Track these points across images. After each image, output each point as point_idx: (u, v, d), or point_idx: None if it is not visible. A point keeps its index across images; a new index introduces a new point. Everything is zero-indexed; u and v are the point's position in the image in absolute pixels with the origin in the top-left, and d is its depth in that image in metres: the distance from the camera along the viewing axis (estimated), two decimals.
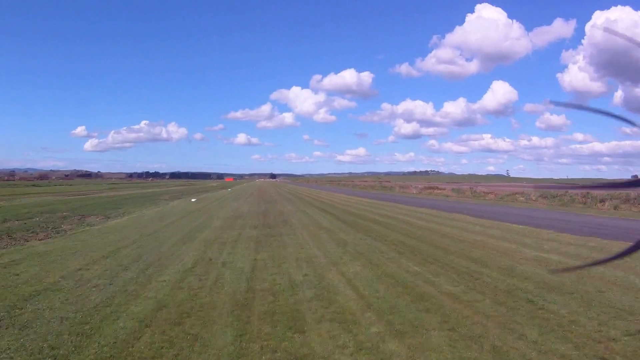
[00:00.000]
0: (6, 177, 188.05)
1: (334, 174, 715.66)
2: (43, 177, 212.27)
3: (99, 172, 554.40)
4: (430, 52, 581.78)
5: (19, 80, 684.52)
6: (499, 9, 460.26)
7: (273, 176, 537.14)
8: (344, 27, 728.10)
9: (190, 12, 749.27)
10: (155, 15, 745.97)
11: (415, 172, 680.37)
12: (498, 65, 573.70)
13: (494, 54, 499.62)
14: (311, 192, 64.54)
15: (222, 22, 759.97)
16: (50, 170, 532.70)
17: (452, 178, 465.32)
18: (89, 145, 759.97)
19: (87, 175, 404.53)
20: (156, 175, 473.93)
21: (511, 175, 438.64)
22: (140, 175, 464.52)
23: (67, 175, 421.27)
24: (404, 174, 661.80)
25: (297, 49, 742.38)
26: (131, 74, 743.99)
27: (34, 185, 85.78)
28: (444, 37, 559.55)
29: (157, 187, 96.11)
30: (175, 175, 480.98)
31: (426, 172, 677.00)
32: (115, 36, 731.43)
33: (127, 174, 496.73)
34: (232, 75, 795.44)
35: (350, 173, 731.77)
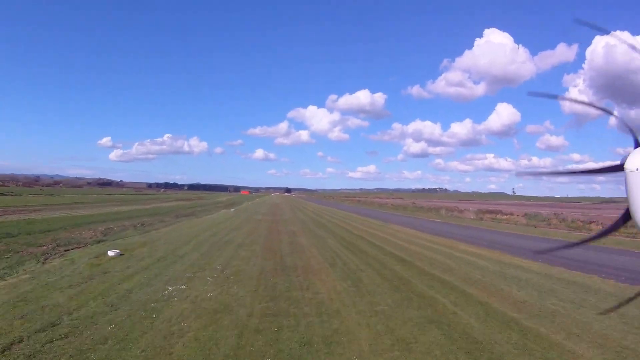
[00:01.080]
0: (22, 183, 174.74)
1: (346, 189, 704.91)
2: (53, 185, 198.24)
3: (121, 180, 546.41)
4: (441, 74, 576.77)
5: (50, 92, 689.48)
6: (506, 34, 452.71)
7: (288, 190, 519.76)
8: (361, 50, 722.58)
9: (215, 33, 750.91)
10: (181, 35, 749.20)
11: (424, 190, 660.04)
12: (504, 87, 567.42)
13: (500, 77, 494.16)
14: (339, 214, 46.53)
15: (245, 44, 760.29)
16: (76, 177, 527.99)
17: (458, 196, 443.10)
18: (113, 155, 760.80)
19: (108, 183, 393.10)
20: (175, 186, 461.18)
21: (516, 194, 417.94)
22: (159, 186, 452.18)
23: (89, 183, 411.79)
24: (412, 191, 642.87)
25: (315, 70, 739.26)
26: (157, 89, 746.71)
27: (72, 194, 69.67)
28: (454, 60, 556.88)
29: (157, 200, 79.20)
30: (193, 187, 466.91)
31: (434, 189, 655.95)
32: (143, 53, 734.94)
33: (147, 183, 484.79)
34: (252, 94, 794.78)
35: (361, 189, 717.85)
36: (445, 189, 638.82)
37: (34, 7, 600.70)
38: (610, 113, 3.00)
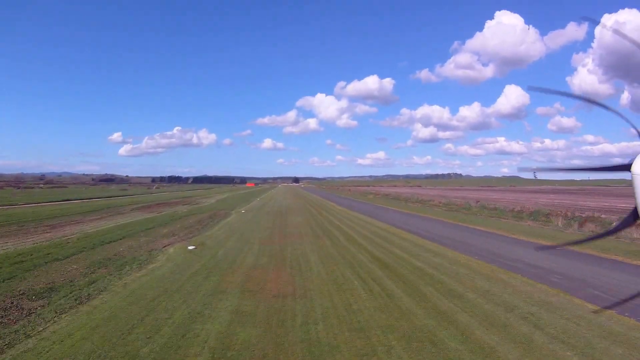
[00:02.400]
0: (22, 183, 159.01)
1: (355, 177, 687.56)
2: (49, 182, 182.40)
3: (126, 176, 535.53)
4: (450, 57, 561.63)
5: (59, 88, 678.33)
6: (517, 15, 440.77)
7: (296, 180, 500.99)
8: (369, 35, 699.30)
9: (221, 25, 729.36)
10: (188, 28, 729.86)
11: (437, 175, 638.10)
12: (512, 69, 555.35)
13: (509, 58, 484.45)
14: (375, 224, 27.69)
15: (252, 33, 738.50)
16: (83, 174, 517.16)
17: (470, 181, 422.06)
18: (123, 150, 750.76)
19: (111, 179, 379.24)
20: (179, 179, 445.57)
21: (538, 178, 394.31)
22: (162, 180, 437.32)
23: (93, 180, 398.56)
24: (425, 177, 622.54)
25: (322, 58, 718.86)
26: (166, 82, 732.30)
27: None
28: (464, 43, 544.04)
29: (116, 212, 60.79)
30: (197, 180, 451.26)
31: (448, 175, 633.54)
32: (151, 47, 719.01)
33: (152, 177, 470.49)
34: (260, 83, 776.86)
35: (370, 176, 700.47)
36: (460, 174, 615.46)
37: (40, 2, 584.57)
38: (612, 110, 2.95)
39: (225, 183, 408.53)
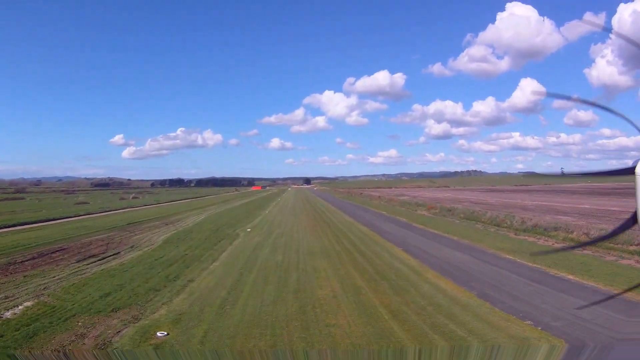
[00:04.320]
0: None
1: (367, 176, 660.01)
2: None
3: (128, 180, 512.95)
4: (463, 51, 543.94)
5: (58, 90, 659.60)
6: (529, 6, 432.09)
7: (307, 181, 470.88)
8: (379, 29, 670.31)
9: (225, 21, 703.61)
10: (191, 25, 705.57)
11: (455, 173, 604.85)
12: (528, 62, 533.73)
13: (525, 50, 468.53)
14: None
15: (257, 30, 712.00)
16: (85, 178, 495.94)
17: (489, 180, 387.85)
18: (126, 153, 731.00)
19: (107, 184, 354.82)
20: (180, 182, 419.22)
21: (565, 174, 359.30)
22: (162, 183, 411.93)
23: (92, 184, 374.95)
24: (439, 174, 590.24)
25: (330, 54, 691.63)
26: (168, 83, 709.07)
27: None
28: (477, 35, 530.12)
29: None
30: (203, 182, 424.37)
31: (467, 172, 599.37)
32: (153, 48, 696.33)
33: (154, 180, 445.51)
34: (266, 81, 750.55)
35: (383, 175, 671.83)
36: (479, 171, 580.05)
37: (38, 4, 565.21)
38: (619, 115, 2.90)
39: (230, 185, 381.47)
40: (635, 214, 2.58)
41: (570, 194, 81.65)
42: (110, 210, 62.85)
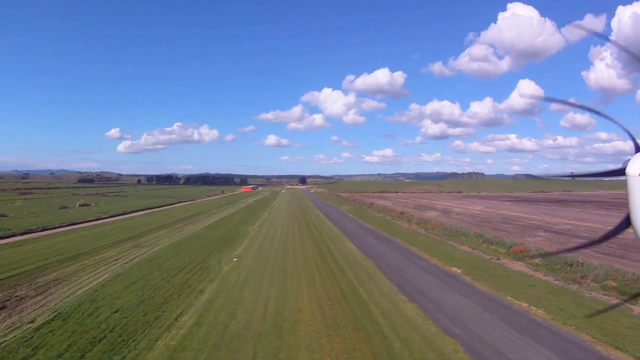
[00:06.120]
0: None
1: (363, 175, 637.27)
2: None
3: (119, 175, 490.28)
4: (465, 50, 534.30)
5: (54, 83, 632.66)
6: (530, 7, 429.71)
7: (303, 180, 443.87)
8: (380, 27, 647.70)
9: (224, 16, 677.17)
10: (188, 20, 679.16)
11: (453, 174, 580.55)
12: (529, 62, 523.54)
13: (526, 50, 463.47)
14: None
15: (255, 26, 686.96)
16: (78, 172, 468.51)
17: (498, 184, 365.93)
18: (122, 147, 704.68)
19: (90, 180, 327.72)
20: (170, 179, 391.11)
21: (576, 179, 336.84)
22: (151, 179, 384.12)
23: (80, 180, 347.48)
24: (437, 176, 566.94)
25: (329, 51, 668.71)
26: (166, 77, 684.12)
27: None
28: (479, 34, 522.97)
29: None
30: (190, 180, 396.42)
31: (468, 174, 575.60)
32: (149, 41, 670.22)
33: (147, 176, 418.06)
34: (264, 77, 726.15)
35: (379, 174, 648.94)
36: (480, 172, 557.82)
37: None
38: (610, 119, 3.02)
39: (222, 183, 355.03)
40: (627, 217, 2.63)
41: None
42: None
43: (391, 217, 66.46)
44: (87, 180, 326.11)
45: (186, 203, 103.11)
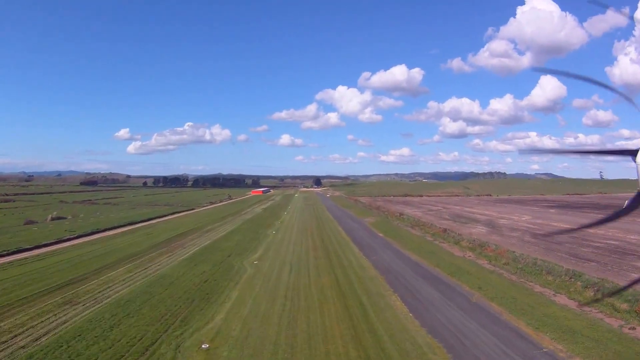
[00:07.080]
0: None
1: (379, 175, 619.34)
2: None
3: (128, 176, 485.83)
4: (484, 45, 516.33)
5: (64, 83, 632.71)
6: (550, 1, 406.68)
7: (318, 182, 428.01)
8: (397, 23, 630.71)
9: (236, 13, 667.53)
10: (199, 17, 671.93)
11: (472, 174, 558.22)
12: (550, 58, 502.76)
13: (548, 46, 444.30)
14: None
15: (269, 23, 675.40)
16: (86, 173, 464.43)
17: (523, 184, 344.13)
18: (132, 147, 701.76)
19: (93, 182, 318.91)
20: (177, 181, 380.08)
21: (604, 178, 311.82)
22: (158, 181, 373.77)
23: (81, 182, 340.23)
24: (456, 175, 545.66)
25: (346, 47, 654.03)
26: (176, 76, 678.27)
27: None
28: (498, 29, 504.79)
29: None
30: (198, 183, 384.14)
31: (490, 174, 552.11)
32: (160, 40, 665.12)
33: (156, 177, 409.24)
34: (277, 76, 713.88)
35: (396, 174, 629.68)
36: (502, 172, 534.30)
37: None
38: (618, 92, 2.76)
39: (233, 186, 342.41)
40: (637, 196, 2.63)
41: None
42: None
43: (432, 237, 50.73)
44: (90, 182, 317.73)
45: (181, 214, 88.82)
